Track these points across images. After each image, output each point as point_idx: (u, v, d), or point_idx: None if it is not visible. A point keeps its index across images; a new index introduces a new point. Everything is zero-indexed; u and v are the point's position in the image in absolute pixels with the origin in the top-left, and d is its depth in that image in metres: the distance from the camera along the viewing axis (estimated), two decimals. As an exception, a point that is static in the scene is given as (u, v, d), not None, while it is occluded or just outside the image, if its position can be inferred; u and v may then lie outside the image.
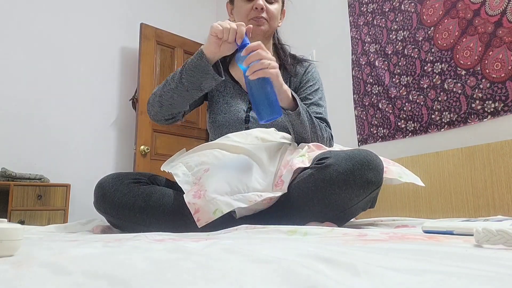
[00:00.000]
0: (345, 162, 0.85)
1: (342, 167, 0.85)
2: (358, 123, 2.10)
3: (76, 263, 0.32)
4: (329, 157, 0.88)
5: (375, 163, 0.87)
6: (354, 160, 0.85)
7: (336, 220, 0.91)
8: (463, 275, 0.26)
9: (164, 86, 1.09)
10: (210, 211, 0.83)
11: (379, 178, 0.88)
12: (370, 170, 0.85)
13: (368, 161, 0.86)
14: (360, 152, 0.88)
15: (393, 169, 0.98)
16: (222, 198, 0.85)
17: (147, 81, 3.00)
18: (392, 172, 0.96)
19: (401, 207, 1.67)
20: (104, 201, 0.97)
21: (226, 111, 1.20)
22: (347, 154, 0.88)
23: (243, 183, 0.88)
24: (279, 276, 0.27)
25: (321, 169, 0.87)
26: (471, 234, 0.49)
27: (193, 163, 0.99)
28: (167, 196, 0.97)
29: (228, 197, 0.86)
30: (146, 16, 3.21)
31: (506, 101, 1.43)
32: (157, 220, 0.95)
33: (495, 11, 1.48)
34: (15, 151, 2.62)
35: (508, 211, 1.30)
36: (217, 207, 0.84)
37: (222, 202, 0.85)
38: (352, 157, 0.86)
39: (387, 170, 0.97)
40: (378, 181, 0.88)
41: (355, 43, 2.17)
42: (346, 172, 0.84)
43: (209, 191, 0.85)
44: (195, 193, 0.87)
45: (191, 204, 0.86)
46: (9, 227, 0.38)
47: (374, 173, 0.86)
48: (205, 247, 0.45)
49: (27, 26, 2.78)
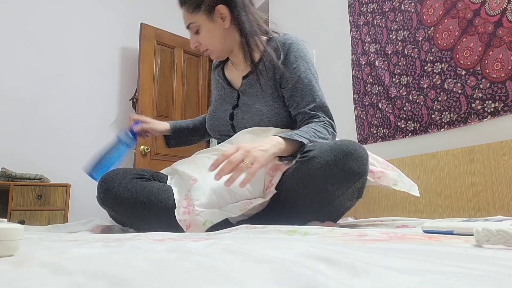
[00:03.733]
0: (327, 154, 0.85)
1: (324, 159, 0.85)
2: (358, 123, 2.10)
3: (76, 263, 0.32)
4: (312, 150, 0.88)
5: (358, 153, 0.87)
6: (336, 151, 0.85)
7: (328, 215, 0.91)
8: (463, 275, 0.26)
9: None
10: (200, 223, 0.85)
11: (363, 168, 0.88)
12: (353, 160, 0.85)
13: (351, 151, 0.86)
14: (343, 142, 0.88)
15: (390, 174, 0.98)
16: (210, 211, 0.87)
17: (147, 81, 3.00)
18: (387, 178, 0.96)
19: (401, 207, 1.68)
20: (107, 196, 0.98)
21: (216, 110, 1.20)
22: (329, 145, 0.88)
23: (231, 193, 0.89)
24: (279, 276, 0.27)
25: (305, 163, 0.88)
26: (471, 234, 0.49)
27: (181, 172, 1.01)
28: (168, 192, 0.98)
29: (216, 209, 0.88)
30: (146, 16, 3.21)
31: (506, 101, 1.43)
32: (158, 215, 0.95)
33: (495, 11, 1.48)
34: (15, 151, 2.61)
35: (508, 211, 1.30)
36: (206, 218, 0.85)
37: (211, 214, 0.86)
38: (334, 148, 0.86)
39: (382, 175, 0.97)
40: (362, 171, 0.88)
41: (355, 43, 2.17)
42: (328, 164, 0.84)
43: (196, 205, 0.86)
44: (184, 209, 0.88)
45: (182, 221, 0.87)
46: (9, 227, 0.38)
47: (357, 163, 0.86)
48: (205, 247, 0.45)
49: (27, 26, 2.78)
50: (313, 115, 1.05)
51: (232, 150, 0.84)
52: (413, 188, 1.00)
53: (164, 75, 3.14)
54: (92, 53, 3.03)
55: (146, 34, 3.05)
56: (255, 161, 0.83)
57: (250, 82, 1.13)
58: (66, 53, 2.91)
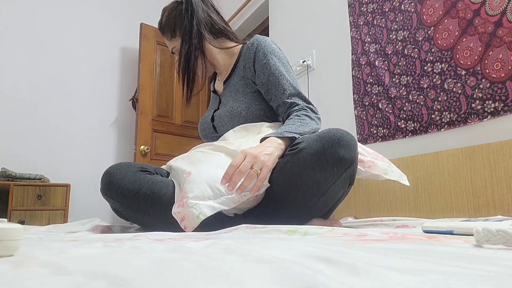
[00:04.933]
0: (316, 143, 0.86)
1: (313, 149, 0.86)
2: (358, 123, 2.10)
3: (76, 263, 0.32)
4: (301, 142, 0.90)
5: (346, 140, 0.87)
6: (324, 140, 0.86)
7: (323, 206, 0.92)
8: (463, 275, 0.26)
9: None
10: (194, 216, 0.85)
11: (352, 155, 0.88)
12: (341, 147, 0.86)
13: (338, 138, 0.86)
14: (330, 131, 0.89)
15: (380, 164, 0.99)
16: (204, 202, 0.87)
17: (147, 81, 3.00)
18: (377, 168, 0.97)
19: (401, 207, 1.68)
20: (111, 187, 0.98)
21: (203, 117, 1.33)
22: (317, 135, 0.89)
23: (225, 186, 0.89)
24: (279, 276, 0.27)
25: (294, 155, 0.89)
26: (471, 234, 0.49)
27: (176, 167, 1.03)
28: (171, 186, 0.98)
29: (211, 201, 0.88)
30: (146, 16, 3.21)
31: (506, 101, 1.43)
32: (160, 208, 0.95)
33: (495, 11, 1.48)
34: (15, 151, 2.62)
35: (508, 211, 1.30)
36: (200, 211, 0.86)
37: (205, 206, 0.87)
38: (322, 137, 0.87)
39: (373, 164, 0.98)
40: (351, 158, 0.88)
41: (355, 43, 2.17)
42: (317, 153, 0.85)
43: (190, 198, 0.87)
44: (179, 202, 0.89)
45: (176, 213, 0.88)
46: (9, 227, 0.38)
47: (346, 150, 0.86)
48: (205, 247, 0.45)
49: (27, 27, 2.78)
50: (291, 103, 1.10)
51: (240, 160, 0.86)
52: (402, 178, 1.01)
53: (164, 75, 3.14)
54: (92, 53, 3.03)
55: (146, 34, 3.06)
56: (263, 166, 0.87)
57: (228, 85, 1.26)
58: (66, 53, 2.91)
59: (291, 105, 1.09)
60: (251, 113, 1.16)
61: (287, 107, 1.10)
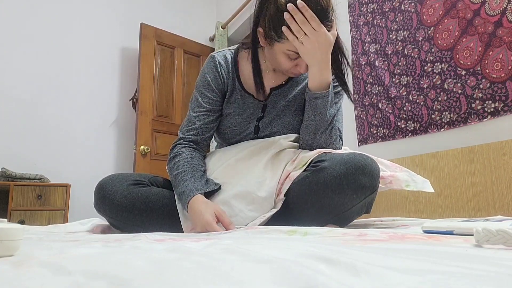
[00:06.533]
0: (340, 166, 0.84)
1: (336, 171, 0.84)
2: (358, 123, 2.10)
3: (76, 263, 0.32)
4: (324, 160, 0.88)
5: (370, 168, 0.85)
6: (349, 164, 0.84)
7: (334, 223, 0.91)
8: (463, 275, 0.26)
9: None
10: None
11: (374, 183, 0.86)
12: (365, 175, 0.84)
13: (363, 165, 0.84)
14: (356, 156, 0.86)
15: (400, 176, 0.95)
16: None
17: (147, 81, 3.00)
18: (398, 181, 0.94)
19: (401, 207, 1.67)
20: (104, 203, 0.97)
21: (237, 123, 1.09)
22: (342, 157, 0.87)
23: (242, 207, 0.92)
24: (279, 276, 0.27)
25: (315, 172, 0.87)
26: (471, 234, 0.49)
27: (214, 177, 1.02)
28: (166, 198, 0.97)
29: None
30: (146, 16, 3.21)
31: (506, 101, 1.43)
32: (156, 222, 0.95)
33: (495, 11, 1.48)
34: (15, 151, 2.61)
35: (508, 211, 1.30)
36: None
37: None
38: (347, 161, 0.85)
39: (394, 179, 0.94)
40: (373, 186, 0.86)
41: (355, 43, 2.16)
42: (340, 176, 0.83)
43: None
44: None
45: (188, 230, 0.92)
46: (9, 227, 0.38)
47: (369, 178, 0.84)
48: (205, 247, 0.45)
49: (27, 26, 2.78)
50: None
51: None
52: (425, 185, 0.97)
53: (164, 75, 3.14)
54: (92, 53, 3.03)
55: (146, 34, 3.05)
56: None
57: (281, 94, 1.08)
58: (66, 53, 2.91)
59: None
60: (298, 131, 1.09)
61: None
